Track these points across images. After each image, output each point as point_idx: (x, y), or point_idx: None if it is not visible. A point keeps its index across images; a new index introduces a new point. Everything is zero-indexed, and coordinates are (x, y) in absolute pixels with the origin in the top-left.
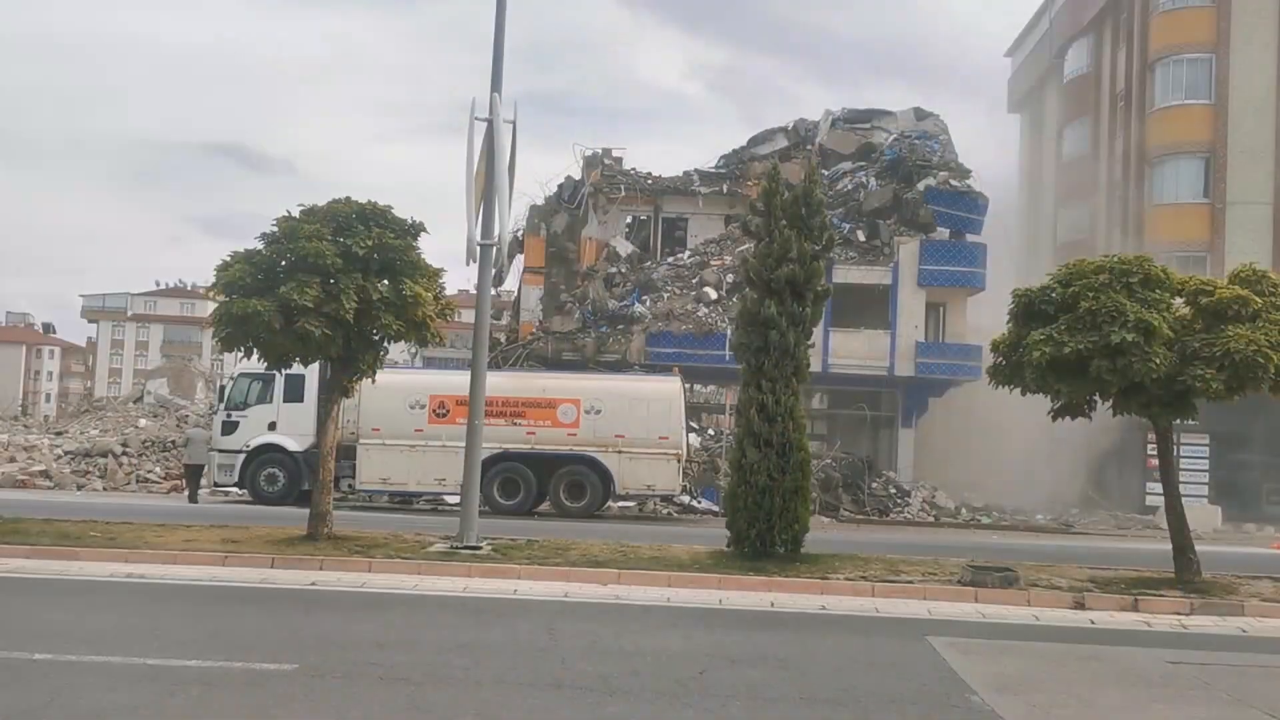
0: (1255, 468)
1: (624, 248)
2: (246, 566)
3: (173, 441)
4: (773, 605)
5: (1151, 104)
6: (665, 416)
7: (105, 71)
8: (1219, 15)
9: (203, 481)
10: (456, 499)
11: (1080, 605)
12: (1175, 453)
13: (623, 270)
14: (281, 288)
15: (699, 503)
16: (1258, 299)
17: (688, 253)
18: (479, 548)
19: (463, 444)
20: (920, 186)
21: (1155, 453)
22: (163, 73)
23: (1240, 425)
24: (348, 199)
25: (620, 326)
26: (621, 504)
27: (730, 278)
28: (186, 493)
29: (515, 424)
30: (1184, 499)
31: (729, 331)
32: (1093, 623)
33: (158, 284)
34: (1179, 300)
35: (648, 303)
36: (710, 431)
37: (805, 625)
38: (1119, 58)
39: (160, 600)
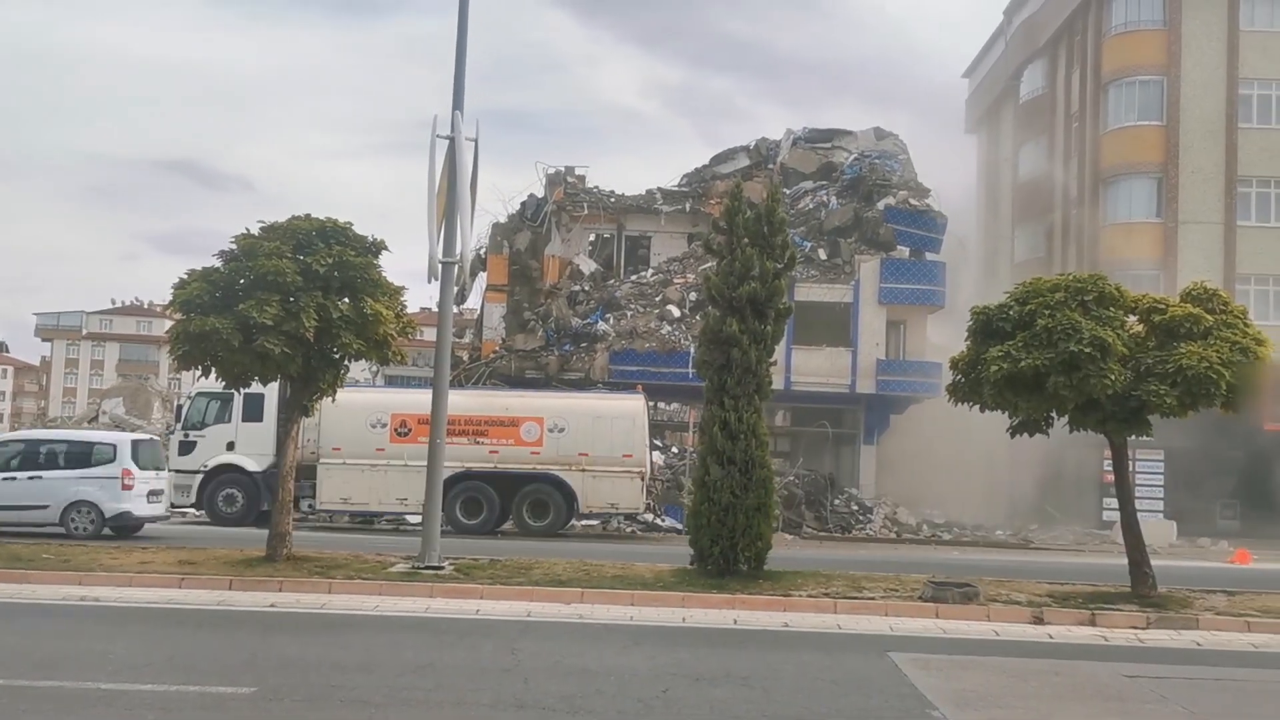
0: (1209, 483)
1: (587, 265)
2: (204, 589)
3: None
4: (736, 623)
5: (1105, 125)
6: (629, 434)
7: (55, 85)
8: (1170, 38)
9: None
10: (418, 519)
11: (1039, 620)
12: (1131, 469)
13: (586, 288)
14: (240, 305)
15: (663, 521)
16: (1209, 317)
17: (651, 271)
18: (441, 568)
19: (425, 463)
20: (880, 205)
21: (1111, 468)
22: (113, 87)
23: (1194, 441)
24: (308, 216)
25: (584, 344)
26: (585, 522)
27: (693, 296)
28: None
29: (478, 443)
30: (1139, 514)
31: (692, 349)
32: (1051, 637)
33: (113, 302)
34: (1133, 318)
35: (611, 321)
36: (674, 449)
37: (768, 643)
38: (1073, 79)
39: (115, 623)
